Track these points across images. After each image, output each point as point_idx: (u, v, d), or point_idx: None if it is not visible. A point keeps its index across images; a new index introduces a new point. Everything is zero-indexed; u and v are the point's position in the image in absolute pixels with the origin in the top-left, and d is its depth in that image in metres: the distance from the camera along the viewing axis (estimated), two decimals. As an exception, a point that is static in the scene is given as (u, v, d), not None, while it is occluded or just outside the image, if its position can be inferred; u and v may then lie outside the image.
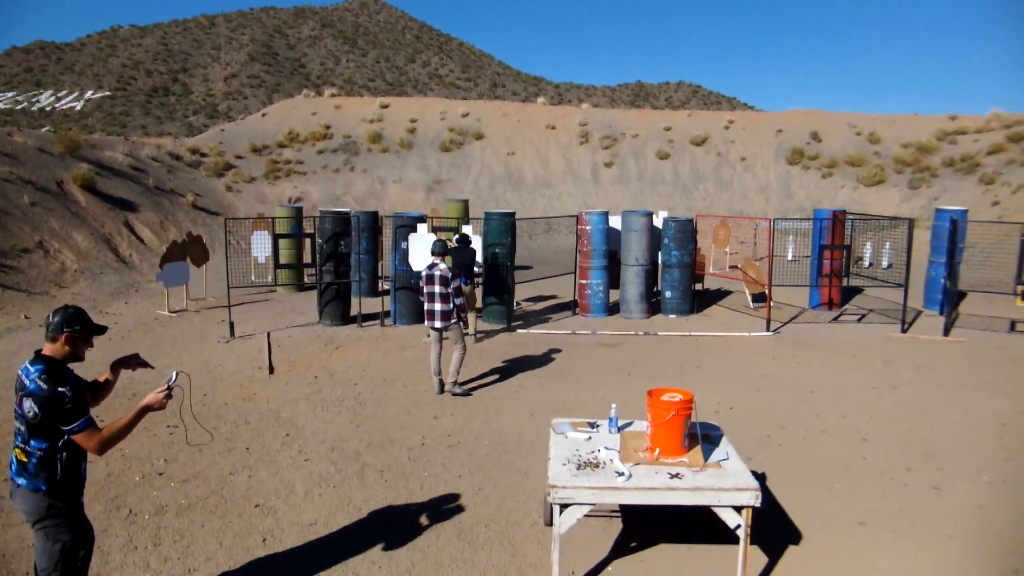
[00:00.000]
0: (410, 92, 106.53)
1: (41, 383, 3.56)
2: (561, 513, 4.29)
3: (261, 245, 15.38)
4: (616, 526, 5.54)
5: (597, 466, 4.50)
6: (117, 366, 4.33)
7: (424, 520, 5.65)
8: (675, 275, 12.85)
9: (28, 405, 3.57)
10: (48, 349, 3.73)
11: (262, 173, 26.42)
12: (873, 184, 26.44)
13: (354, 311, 12.39)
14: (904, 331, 11.89)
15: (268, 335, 9.97)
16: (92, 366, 9.44)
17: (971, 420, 7.92)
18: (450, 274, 8.46)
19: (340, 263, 12.27)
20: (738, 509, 4.29)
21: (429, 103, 34.20)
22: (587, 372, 9.66)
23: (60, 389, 3.57)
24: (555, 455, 4.71)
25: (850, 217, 14.28)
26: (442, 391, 8.71)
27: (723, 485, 4.26)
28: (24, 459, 3.64)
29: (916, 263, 14.54)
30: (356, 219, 13.13)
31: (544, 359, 10.28)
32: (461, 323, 8.65)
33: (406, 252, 11.94)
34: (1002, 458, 6.91)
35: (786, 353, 10.69)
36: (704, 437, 4.90)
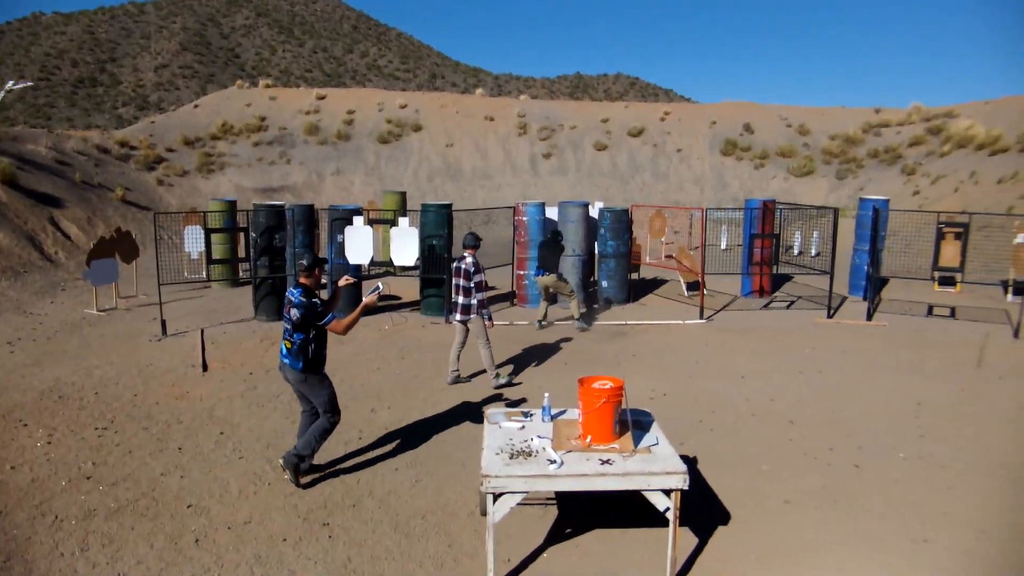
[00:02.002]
0: (348, 83, 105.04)
1: (302, 298, 5.74)
2: (494, 502, 4.35)
3: (194, 240, 15.02)
4: (552, 513, 5.64)
5: (530, 455, 4.58)
6: (338, 290, 6.42)
7: (361, 514, 5.65)
8: (611, 265, 13.04)
9: (294, 312, 5.75)
10: (303, 280, 5.89)
11: (195, 166, 25.78)
12: (803, 175, 27.21)
13: (291, 306, 12.21)
14: (830, 317, 12.32)
15: (202, 332, 9.78)
16: (17, 369, 9.17)
17: (890, 400, 8.28)
18: (474, 268, 8.44)
19: (275, 257, 12.09)
20: (667, 492, 4.42)
21: (367, 94, 33.84)
22: (524, 362, 9.75)
23: (314, 300, 5.78)
24: (488, 445, 4.77)
25: (779, 207, 14.69)
26: (456, 382, 8.78)
27: (652, 469, 4.39)
28: (289, 346, 5.85)
29: (842, 251, 15.06)
30: (291, 212, 12.95)
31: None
32: (483, 318, 8.57)
33: (342, 245, 11.85)
34: (917, 435, 7.25)
35: (719, 340, 10.97)
36: (635, 423, 5.03)
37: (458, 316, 8.62)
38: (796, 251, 18.79)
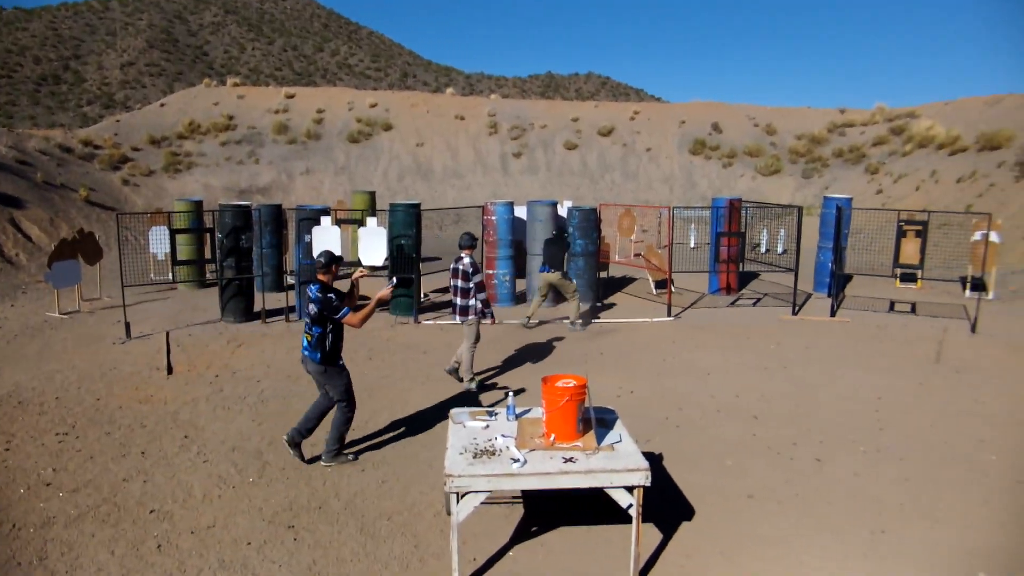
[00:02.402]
0: (319, 82, 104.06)
1: (319, 294, 6.09)
2: (458, 502, 4.37)
3: (159, 241, 14.83)
4: (518, 512, 5.67)
5: (493, 454, 4.60)
6: (355, 284, 6.67)
7: (327, 516, 5.64)
8: (580, 264, 13.10)
9: (311, 307, 6.12)
10: (321, 276, 6.25)
11: (161, 166, 25.44)
12: (770, 174, 27.54)
13: (258, 307, 12.14)
14: (795, 313, 12.49)
15: (167, 334, 9.68)
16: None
17: (852, 395, 8.43)
18: (472, 269, 8.38)
19: (242, 258, 11.99)
20: (630, 489, 4.46)
21: (336, 93, 33.62)
22: (493, 361, 9.78)
23: (330, 295, 6.11)
24: (452, 444, 4.79)
25: (746, 205, 14.86)
26: (462, 380, 8.74)
27: (615, 467, 4.43)
28: (309, 339, 6.22)
29: (807, 249, 15.28)
30: (257, 212, 12.86)
31: (450, 350, 10.32)
32: (481, 318, 8.52)
33: (310, 245, 11.78)
34: (877, 429, 7.39)
35: (686, 337, 11.08)
36: (599, 421, 5.07)
37: (457, 318, 8.60)
38: (763, 249, 19.02)
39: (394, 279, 6.69)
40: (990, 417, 7.76)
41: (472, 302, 8.42)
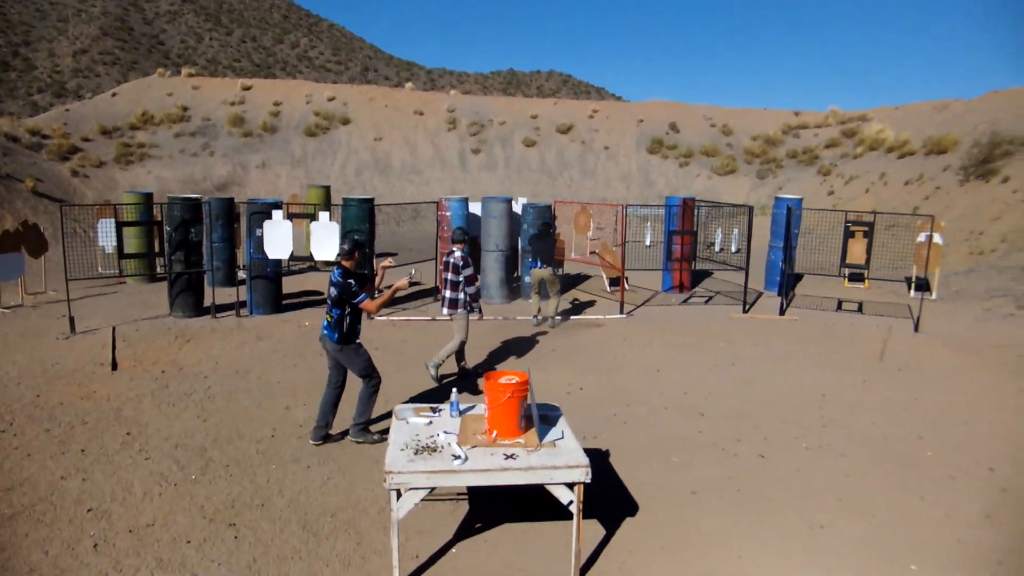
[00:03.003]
0: (278, 74, 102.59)
1: (340, 278, 6.45)
2: (398, 498, 4.35)
3: (107, 234, 14.51)
4: (463, 509, 5.67)
5: (435, 450, 4.59)
6: (379, 270, 7.16)
7: (269, 513, 5.58)
8: (469, 261, 13.10)
9: (332, 290, 6.51)
10: (344, 262, 6.60)
11: (112, 157, 24.87)
12: (726, 173, 27.92)
13: (208, 302, 11.96)
14: (745, 312, 12.69)
15: (113, 329, 9.48)
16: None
17: (797, 392, 8.60)
18: (462, 263, 8.48)
19: (191, 252, 11.80)
20: (570, 486, 4.49)
21: (294, 86, 33.21)
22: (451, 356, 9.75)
23: (350, 280, 6.45)
24: (394, 440, 4.77)
25: (699, 204, 15.04)
26: (463, 374, 8.89)
27: (555, 463, 4.45)
28: (329, 320, 6.59)
29: (759, 248, 15.52)
30: (207, 205, 12.66)
31: (402, 346, 10.31)
32: (471, 312, 8.63)
33: (261, 239, 11.63)
34: (820, 426, 7.54)
35: (638, 335, 11.18)
36: (542, 418, 5.09)
37: (445, 310, 8.73)
38: (717, 248, 19.27)
39: (413, 271, 7.46)
40: (929, 414, 7.97)
41: (460, 295, 8.56)
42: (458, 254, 8.57)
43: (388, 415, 7.22)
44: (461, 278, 8.50)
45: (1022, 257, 14.40)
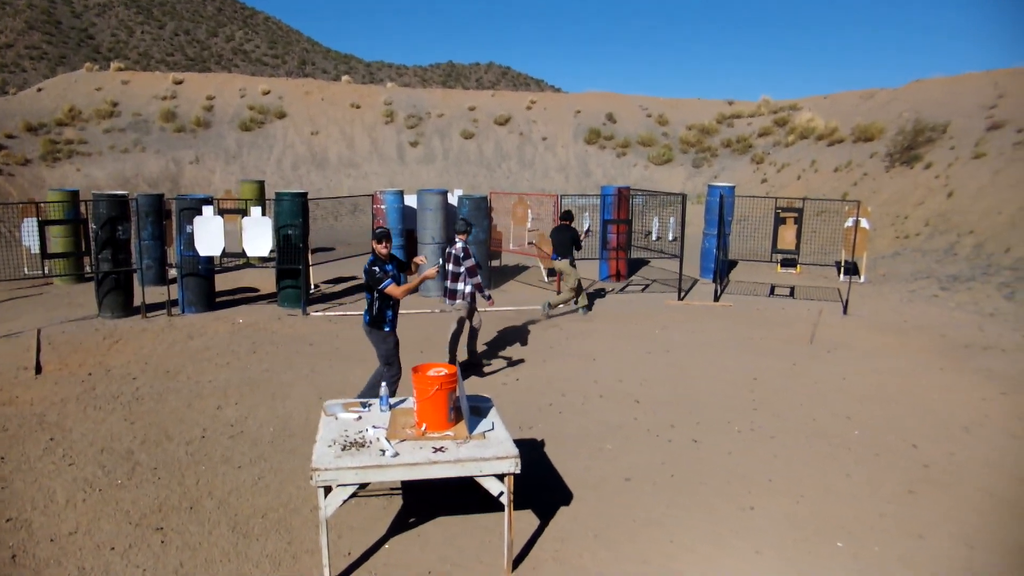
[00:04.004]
0: (213, 68, 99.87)
1: (368, 265, 6.72)
2: (326, 496, 4.27)
3: (31, 234, 13.93)
4: (397, 504, 5.60)
5: (363, 445, 4.52)
6: (411, 259, 7.57)
7: (198, 516, 5.43)
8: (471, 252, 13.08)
9: (364, 276, 6.79)
10: (375, 249, 6.81)
11: (39, 154, 23.87)
12: (662, 163, 28.24)
13: (138, 301, 11.60)
14: (680, 299, 12.87)
15: (38, 332, 9.14)
16: None
17: (729, 377, 8.75)
18: (463, 254, 8.49)
19: (119, 250, 11.41)
20: (501, 477, 4.47)
21: (227, 79, 32.36)
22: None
23: (374, 268, 6.67)
24: (321, 437, 4.68)
25: (634, 193, 15.18)
26: (454, 362, 8.74)
27: (484, 455, 4.42)
28: (366, 303, 6.90)
29: (695, 236, 15.76)
30: (135, 202, 12.26)
31: (338, 341, 10.15)
32: (471, 301, 8.68)
33: (191, 236, 11.32)
34: (751, 409, 7.69)
35: (574, 324, 11.23)
36: (473, 409, 5.05)
37: (447, 301, 8.75)
38: (654, 236, 19.51)
39: (440, 260, 7.79)
40: (856, 394, 8.19)
41: (461, 287, 8.58)
42: (459, 245, 8.59)
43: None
44: (463, 269, 8.52)
45: (944, 240, 14.93)
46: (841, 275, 14.62)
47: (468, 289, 8.59)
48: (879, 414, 7.61)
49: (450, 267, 8.63)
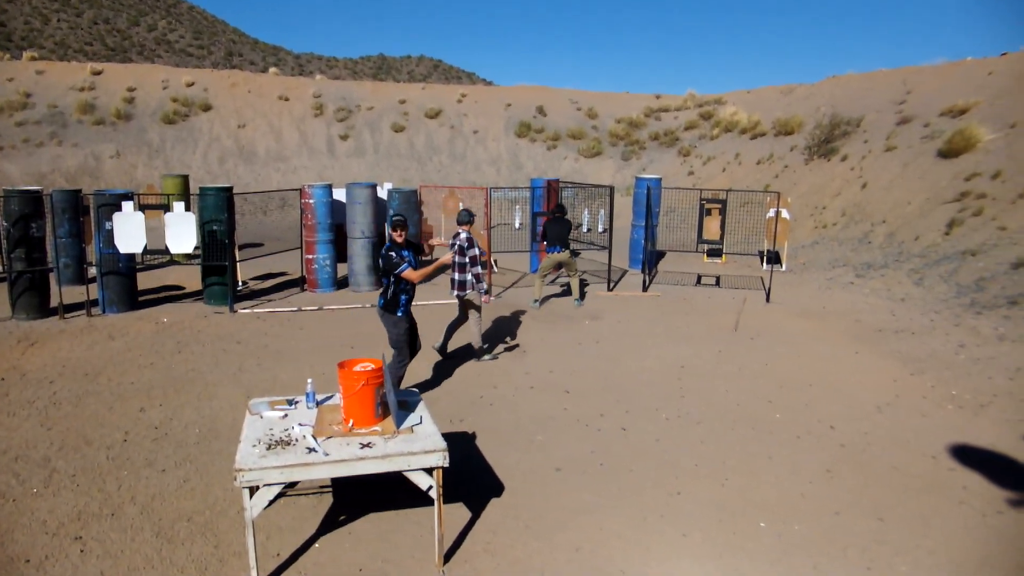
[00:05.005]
0: (135, 59, 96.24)
1: (384, 251, 7.03)
2: (251, 496, 4.21)
3: (-66, 233, 13.25)
4: (327, 502, 5.55)
5: (289, 444, 4.45)
6: (426, 245, 8.48)
7: (120, 522, 5.26)
8: (475, 242, 13.01)
9: (380, 261, 7.14)
10: (391, 236, 7.04)
11: (-57, 149, 22.68)
12: (592, 156, 28.54)
13: (55, 301, 11.15)
14: (610, 290, 13.06)
15: (-61, 336, 8.67)
16: None
17: (657, 365, 8.93)
18: (467, 244, 8.60)
19: (33, 248, 10.95)
20: (429, 471, 4.47)
21: (149, 71, 31.27)
22: (309, 349, 9.51)
23: (391, 253, 6.96)
24: (246, 436, 4.60)
25: (563, 185, 15.31)
26: (443, 353, 9.11)
27: (412, 449, 4.42)
28: (382, 287, 7.22)
29: (624, 228, 15.99)
30: (50, 198, 11.77)
31: (266, 338, 9.97)
32: (478, 292, 8.78)
33: (111, 233, 10.94)
34: (679, 396, 7.87)
35: (505, 317, 11.28)
36: (401, 403, 5.04)
37: (455, 292, 8.80)
38: (585, 228, 19.70)
39: (454, 243, 8.32)
40: (778, 379, 8.47)
41: (468, 277, 8.66)
42: (464, 235, 8.66)
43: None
44: (467, 259, 8.60)
45: (859, 230, 15.52)
46: (764, 264, 15.05)
47: (474, 277, 8.77)
48: (799, 397, 7.88)
49: (456, 258, 8.69)
